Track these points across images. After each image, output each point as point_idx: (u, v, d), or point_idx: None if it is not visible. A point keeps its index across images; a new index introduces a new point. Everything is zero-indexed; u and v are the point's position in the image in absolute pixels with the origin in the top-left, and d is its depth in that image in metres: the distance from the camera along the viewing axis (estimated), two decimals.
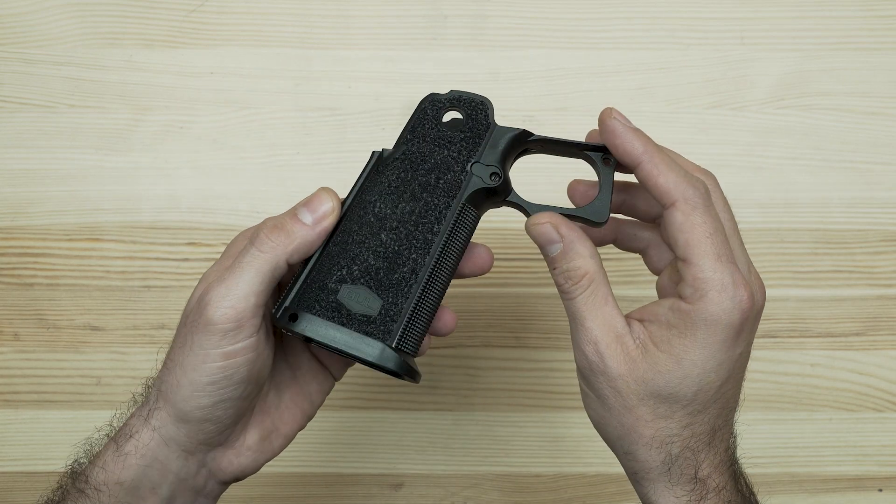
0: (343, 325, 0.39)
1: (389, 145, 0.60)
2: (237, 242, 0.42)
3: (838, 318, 0.60)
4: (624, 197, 0.44)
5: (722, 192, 0.41)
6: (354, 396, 0.61)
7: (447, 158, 0.42)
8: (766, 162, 0.61)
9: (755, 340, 0.60)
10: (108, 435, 0.42)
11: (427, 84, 0.61)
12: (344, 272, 0.40)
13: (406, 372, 0.40)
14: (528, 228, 0.40)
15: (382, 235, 0.40)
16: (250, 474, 0.43)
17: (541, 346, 0.60)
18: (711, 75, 0.61)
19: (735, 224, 0.41)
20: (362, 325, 0.39)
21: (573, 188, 0.44)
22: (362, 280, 0.40)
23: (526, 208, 0.42)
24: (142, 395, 0.42)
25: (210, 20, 0.61)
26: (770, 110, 0.61)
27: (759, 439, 0.61)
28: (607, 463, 0.59)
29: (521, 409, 0.60)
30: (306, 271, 0.40)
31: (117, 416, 0.42)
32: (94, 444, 0.42)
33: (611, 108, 0.41)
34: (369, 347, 0.39)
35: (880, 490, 0.60)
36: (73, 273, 0.60)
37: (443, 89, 0.60)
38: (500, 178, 0.42)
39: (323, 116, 0.61)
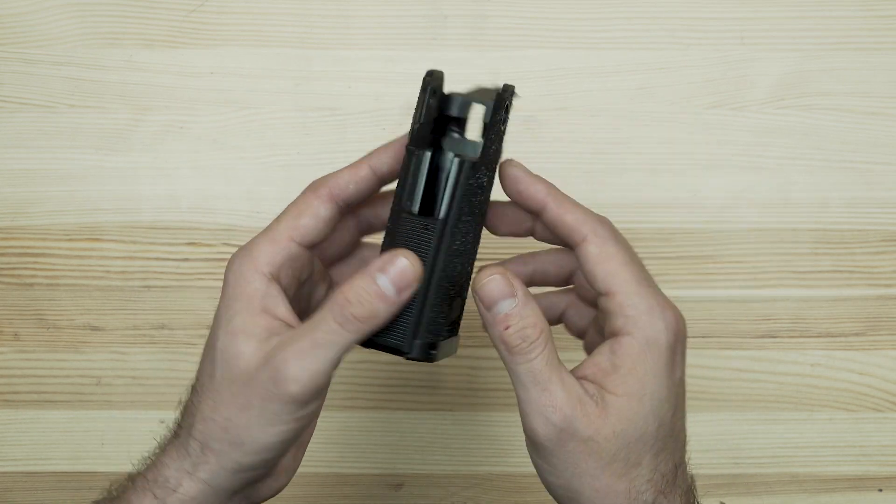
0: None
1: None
2: (245, 277, 0.39)
3: (838, 318, 0.60)
4: (532, 267, 0.43)
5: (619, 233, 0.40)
6: (354, 396, 0.61)
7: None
8: (766, 162, 0.61)
9: (755, 340, 0.60)
10: (130, 478, 0.40)
11: None
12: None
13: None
14: (475, 289, 0.38)
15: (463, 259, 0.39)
16: (283, 489, 0.42)
17: None
18: (711, 75, 0.61)
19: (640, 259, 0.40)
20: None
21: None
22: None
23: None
24: (166, 440, 0.40)
25: (210, 20, 0.61)
26: (770, 110, 0.61)
27: (759, 439, 0.61)
28: None
29: None
30: (422, 305, 0.38)
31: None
32: (113, 490, 0.40)
33: (510, 159, 0.40)
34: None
35: (880, 490, 0.60)
36: (73, 273, 0.60)
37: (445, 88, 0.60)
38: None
39: (323, 116, 0.61)
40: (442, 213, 0.37)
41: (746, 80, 0.61)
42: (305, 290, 0.43)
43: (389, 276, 0.36)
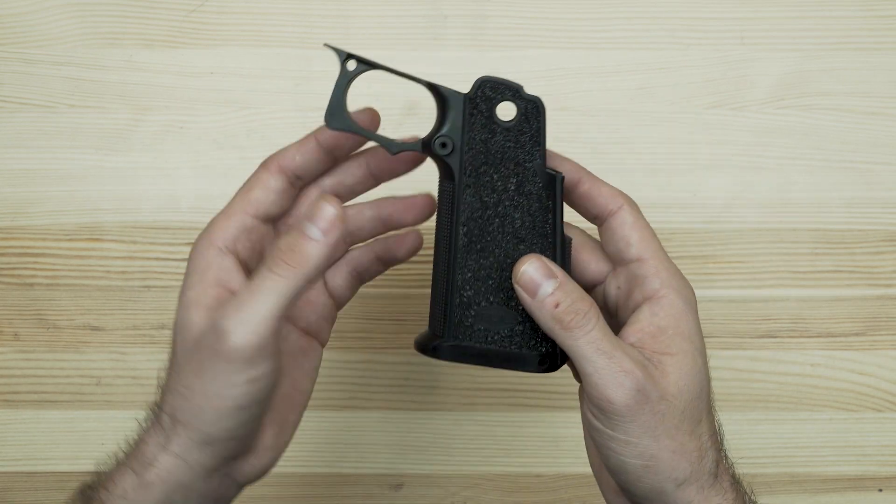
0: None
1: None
2: (201, 253, 0.40)
3: (838, 318, 0.61)
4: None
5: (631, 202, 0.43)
6: (354, 396, 0.61)
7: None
8: (766, 162, 0.61)
9: (755, 340, 0.60)
10: (115, 458, 0.41)
11: None
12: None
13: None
14: (515, 282, 0.39)
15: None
16: (270, 470, 0.42)
17: None
18: (711, 75, 0.61)
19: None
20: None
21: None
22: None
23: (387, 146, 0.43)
24: (147, 419, 0.41)
25: (210, 20, 0.61)
26: (770, 110, 0.61)
27: (759, 439, 0.61)
28: None
29: (521, 409, 0.60)
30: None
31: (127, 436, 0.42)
32: (100, 466, 0.41)
33: None
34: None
35: (880, 490, 0.60)
36: (73, 273, 0.60)
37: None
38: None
39: (323, 116, 0.61)
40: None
41: (746, 80, 0.61)
42: None
43: (316, 222, 0.38)
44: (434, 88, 0.42)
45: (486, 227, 0.41)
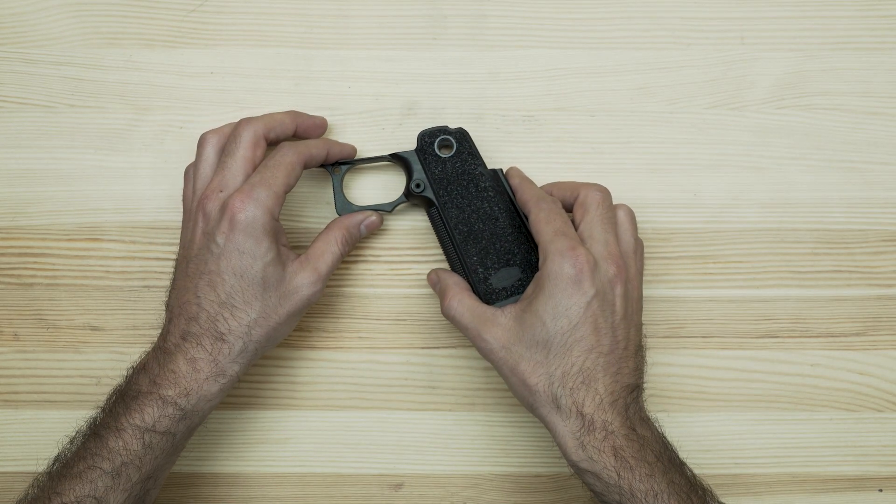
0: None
1: (389, 145, 0.60)
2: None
3: (838, 318, 0.61)
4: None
5: (602, 192, 0.55)
6: (354, 396, 0.61)
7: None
8: (766, 162, 0.61)
9: (755, 340, 0.60)
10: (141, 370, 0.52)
11: (427, 84, 0.61)
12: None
13: None
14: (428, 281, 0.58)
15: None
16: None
17: None
18: (711, 75, 0.61)
19: (623, 222, 0.55)
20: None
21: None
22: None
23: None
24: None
25: (210, 20, 0.61)
26: (770, 110, 0.61)
27: (759, 439, 0.61)
28: None
29: (521, 409, 0.60)
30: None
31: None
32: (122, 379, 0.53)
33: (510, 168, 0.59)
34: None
35: (880, 490, 0.60)
36: (73, 273, 0.60)
37: (443, 89, 0.61)
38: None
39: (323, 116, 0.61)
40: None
41: (746, 80, 0.61)
42: None
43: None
44: (395, 156, 0.58)
45: (469, 221, 0.56)
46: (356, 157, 0.59)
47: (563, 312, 0.50)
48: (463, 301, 0.54)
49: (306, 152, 0.55)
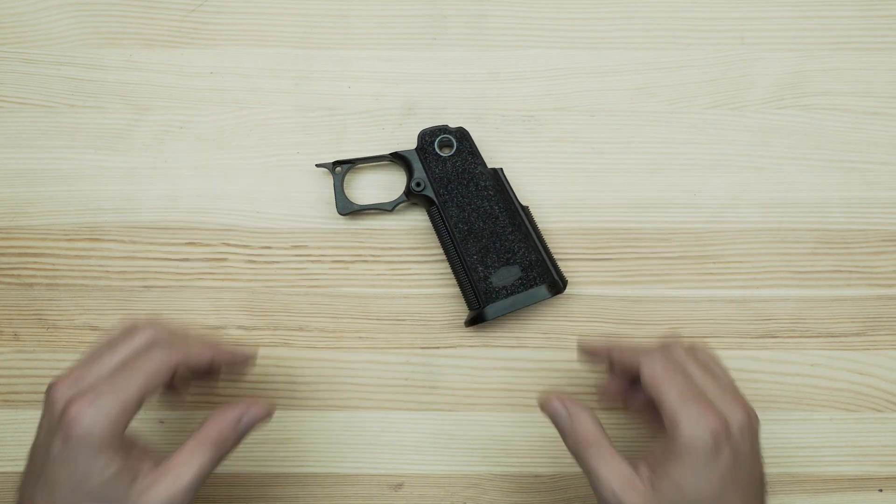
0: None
1: (389, 145, 0.60)
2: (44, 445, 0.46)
3: (838, 318, 0.60)
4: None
5: (684, 345, 0.51)
6: (354, 396, 0.61)
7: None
8: (766, 162, 0.61)
9: (755, 340, 0.60)
10: None
11: (427, 84, 0.61)
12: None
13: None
14: (541, 405, 0.51)
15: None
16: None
17: (541, 346, 0.60)
18: (711, 75, 0.61)
19: (707, 362, 0.51)
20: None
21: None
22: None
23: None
24: None
25: (210, 20, 0.61)
26: (770, 110, 0.61)
27: None
28: None
29: (521, 409, 0.60)
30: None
31: None
32: None
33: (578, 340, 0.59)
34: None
35: (880, 490, 0.60)
36: (73, 273, 0.60)
37: (443, 89, 0.61)
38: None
39: (323, 116, 0.61)
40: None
41: (746, 80, 0.61)
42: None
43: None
44: (395, 155, 0.58)
45: (469, 220, 0.57)
46: (356, 157, 0.59)
47: (704, 485, 0.46)
48: (612, 464, 0.48)
49: (180, 356, 0.48)
